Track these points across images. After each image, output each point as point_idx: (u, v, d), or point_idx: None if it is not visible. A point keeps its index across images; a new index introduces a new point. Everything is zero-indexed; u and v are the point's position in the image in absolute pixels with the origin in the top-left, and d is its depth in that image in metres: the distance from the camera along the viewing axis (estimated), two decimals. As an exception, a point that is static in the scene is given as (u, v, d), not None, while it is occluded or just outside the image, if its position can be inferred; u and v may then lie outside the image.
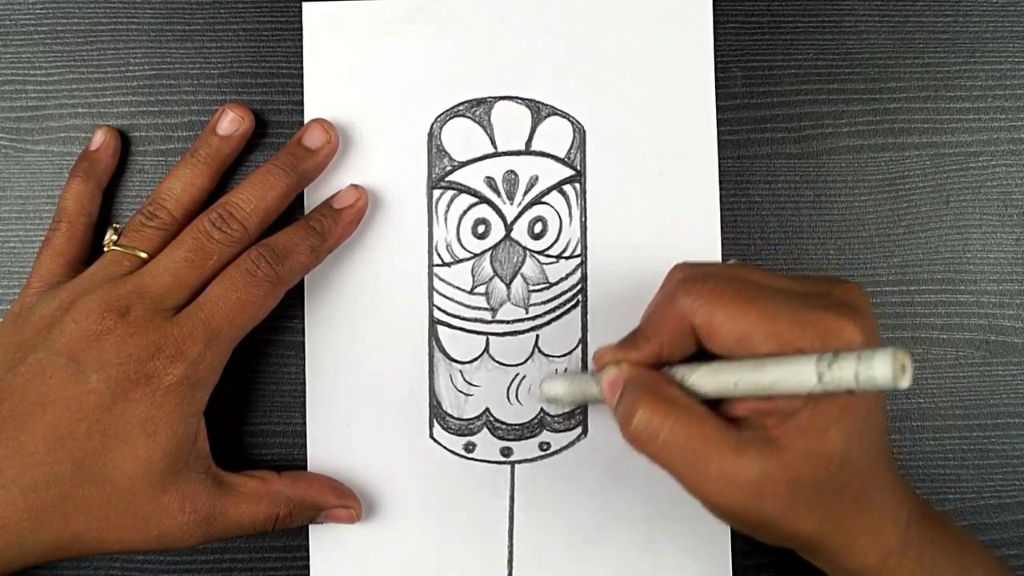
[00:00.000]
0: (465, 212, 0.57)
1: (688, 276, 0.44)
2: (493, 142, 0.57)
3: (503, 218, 0.57)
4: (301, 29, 0.59)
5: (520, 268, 0.57)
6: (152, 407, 0.48)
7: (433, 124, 0.58)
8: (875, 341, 0.42)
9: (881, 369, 0.38)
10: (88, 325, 0.49)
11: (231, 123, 0.56)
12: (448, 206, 0.57)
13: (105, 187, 0.58)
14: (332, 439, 0.57)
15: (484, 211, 0.57)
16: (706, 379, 0.44)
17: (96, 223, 0.57)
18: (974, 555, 0.50)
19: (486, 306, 0.57)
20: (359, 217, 0.56)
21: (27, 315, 0.52)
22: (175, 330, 0.49)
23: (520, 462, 0.57)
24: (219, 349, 0.51)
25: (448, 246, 0.57)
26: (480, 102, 0.58)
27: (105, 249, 0.55)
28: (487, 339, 0.57)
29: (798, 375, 0.40)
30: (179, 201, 0.54)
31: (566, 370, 0.57)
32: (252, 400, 0.54)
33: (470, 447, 0.57)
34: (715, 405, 0.44)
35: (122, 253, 0.52)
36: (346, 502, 0.56)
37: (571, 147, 0.57)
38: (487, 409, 0.57)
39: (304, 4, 0.58)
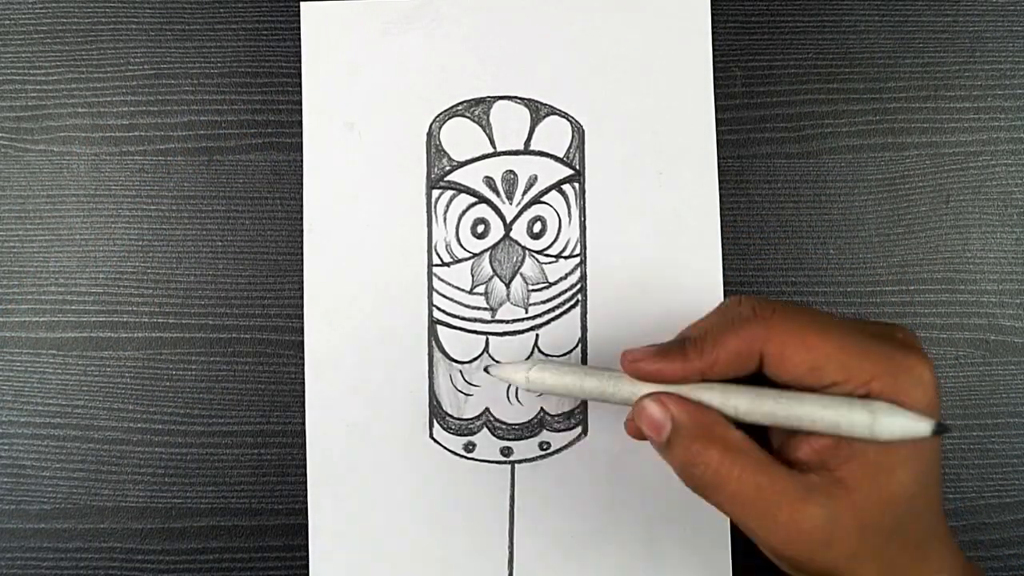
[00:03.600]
0: (464, 212, 0.57)
1: (760, 305, 0.44)
2: (492, 142, 0.57)
3: (502, 218, 0.57)
4: (300, 29, 0.59)
5: (519, 268, 0.57)
6: None
7: (432, 124, 0.58)
8: (937, 381, 0.42)
9: (925, 428, 0.40)
10: None
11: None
12: (447, 206, 0.57)
13: None
14: (331, 439, 0.57)
15: (483, 211, 0.57)
16: (745, 405, 0.43)
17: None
18: None
19: (485, 306, 0.57)
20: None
21: None
22: None
23: (520, 462, 0.57)
24: None
25: (447, 246, 0.57)
26: (479, 102, 0.58)
27: None
28: (487, 339, 0.57)
29: (845, 416, 0.41)
30: None
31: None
32: (252, 400, 0.54)
33: (470, 447, 0.57)
34: (769, 438, 0.45)
35: None
36: None
37: (570, 146, 0.57)
38: (487, 409, 0.57)
39: (302, 4, 0.59)
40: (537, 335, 0.57)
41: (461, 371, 0.57)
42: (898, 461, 0.42)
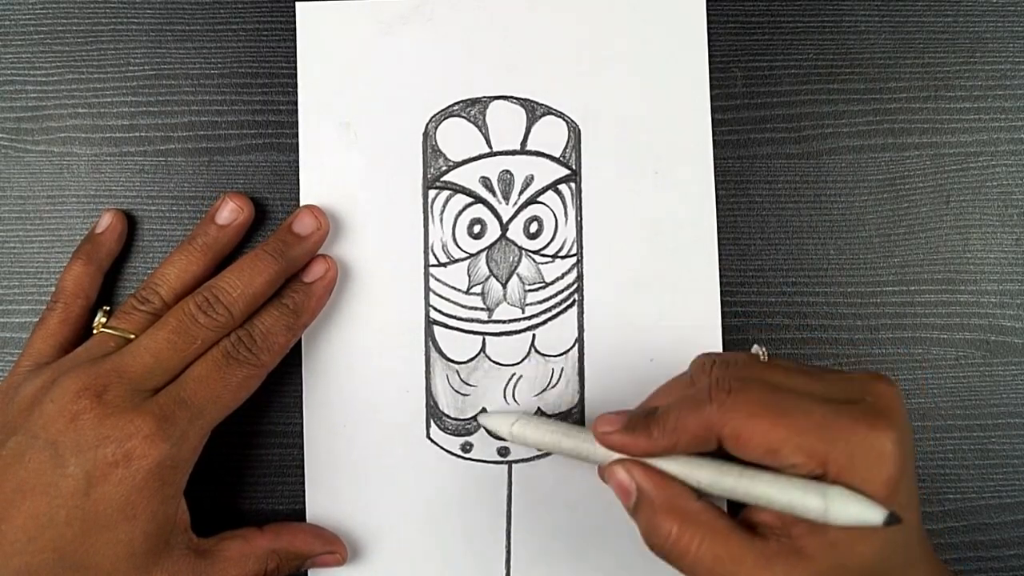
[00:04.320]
0: (460, 212, 0.57)
1: (718, 384, 0.44)
2: (488, 142, 0.58)
3: (499, 218, 0.57)
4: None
5: (516, 268, 0.57)
6: (131, 490, 0.47)
7: (428, 124, 0.58)
8: (908, 449, 0.43)
9: (877, 517, 0.40)
10: (64, 405, 0.47)
11: (230, 213, 0.56)
12: (444, 206, 0.57)
13: (106, 270, 0.58)
14: (329, 440, 0.57)
15: (480, 211, 0.57)
16: (708, 479, 0.44)
17: (94, 305, 0.57)
18: None
19: (482, 306, 0.57)
20: (330, 288, 0.57)
21: (12, 395, 0.51)
22: (154, 410, 0.48)
23: (517, 462, 0.57)
24: (201, 429, 0.50)
25: (444, 246, 0.57)
26: (475, 102, 0.58)
27: (94, 331, 0.54)
28: (483, 339, 0.57)
29: (801, 500, 0.41)
30: (172, 288, 0.53)
31: (561, 371, 0.57)
32: (252, 400, 0.54)
33: (467, 447, 0.57)
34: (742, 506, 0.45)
35: (109, 335, 0.52)
36: (331, 547, 0.56)
37: (566, 146, 0.58)
38: (484, 409, 0.57)
39: (297, 4, 0.59)
40: (534, 335, 0.57)
41: (458, 371, 0.57)
42: (859, 537, 0.42)
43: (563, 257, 0.57)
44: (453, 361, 0.57)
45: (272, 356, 0.53)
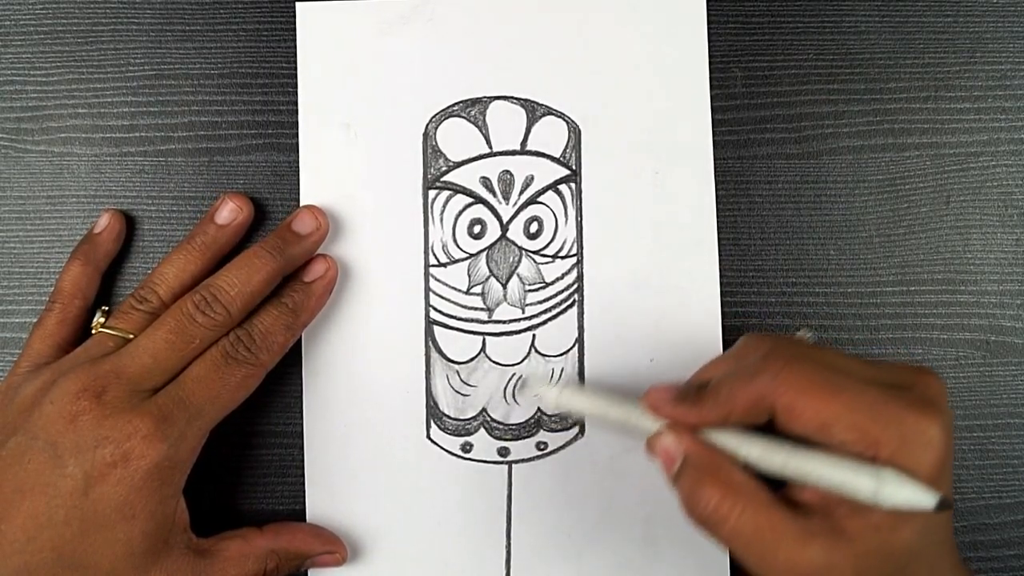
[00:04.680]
0: (461, 212, 0.57)
1: (772, 355, 0.44)
2: (488, 142, 0.58)
3: (499, 218, 0.57)
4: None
5: (516, 268, 0.57)
6: (130, 490, 0.47)
7: (428, 124, 0.58)
8: (951, 441, 0.43)
9: (929, 501, 0.40)
10: (64, 406, 0.48)
11: (229, 213, 0.56)
12: (444, 206, 0.57)
13: (104, 270, 0.58)
14: (329, 440, 0.57)
15: (480, 211, 0.57)
16: (757, 453, 0.44)
17: (92, 306, 0.57)
18: None
19: (482, 306, 0.57)
20: (330, 287, 0.57)
21: (12, 396, 0.51)
22: (153, 410, 0.48)
23: (517, 462, 0.57)
24: (200, 429, 0.50)
25: (444, 246, 0.57)
26: (475, 102, 0.58)
27: (93, 331, 0.54)
28: (483, 339, 0.57)
29: (852, 480, 0.41)
30: (170, 287, 0.53)
31: (562, 371, 0.57)
32: (251, 401, 0.54)
33: (467, 447, 0.57)
34: (780, 484, 0.45)
35: (108, 335, 0.52)
36: (331, 547, 0.56)
37: (566, 147, 0.57)
38: (484, 409, 0.57)
39: (297, 4, 0.59)
40: (534, 335, 0.57)
41: (458, 371, 0.57)
42: (903, 520, 0.42)
43: (563, 257, 0.57)
44: (453, 361, 0.57)
45: (271, 356, 0.53)
